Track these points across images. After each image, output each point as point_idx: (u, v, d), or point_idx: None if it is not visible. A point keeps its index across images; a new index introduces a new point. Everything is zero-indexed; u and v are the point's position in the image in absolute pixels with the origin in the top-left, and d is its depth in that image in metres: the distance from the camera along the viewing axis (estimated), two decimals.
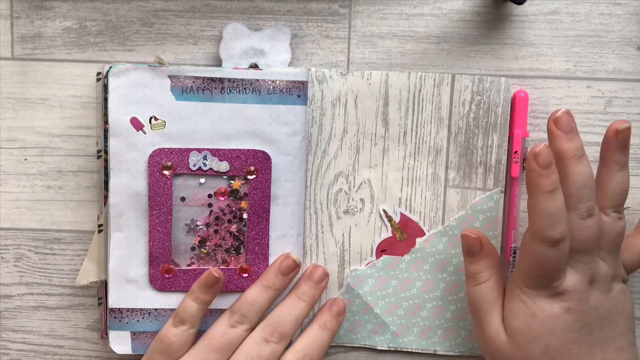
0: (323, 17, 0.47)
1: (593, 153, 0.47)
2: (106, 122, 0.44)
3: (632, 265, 0.45)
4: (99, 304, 0.48)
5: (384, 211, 0.47)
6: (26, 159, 0.47)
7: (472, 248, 0.43)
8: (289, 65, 0.46)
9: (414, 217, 0.47)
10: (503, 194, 0.46)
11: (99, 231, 0.46)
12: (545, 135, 0.47)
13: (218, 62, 0.46)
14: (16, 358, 0.49)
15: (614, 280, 0.42)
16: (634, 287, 0.48)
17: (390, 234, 0.47)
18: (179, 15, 0.47)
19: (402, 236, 0.47)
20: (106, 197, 0.45)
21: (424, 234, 0.47)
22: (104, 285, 0.47)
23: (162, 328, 0.44)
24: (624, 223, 0.43)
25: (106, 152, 0.45)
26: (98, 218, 0.47)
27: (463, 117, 0.46)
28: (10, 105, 0.47)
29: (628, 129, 0.41)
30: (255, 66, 0.45)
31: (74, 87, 0.47)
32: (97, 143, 0.47)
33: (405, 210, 0.47)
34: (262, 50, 0.45)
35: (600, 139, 0.47)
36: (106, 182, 0.45)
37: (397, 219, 0.47)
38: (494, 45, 0.47)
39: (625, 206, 0.47)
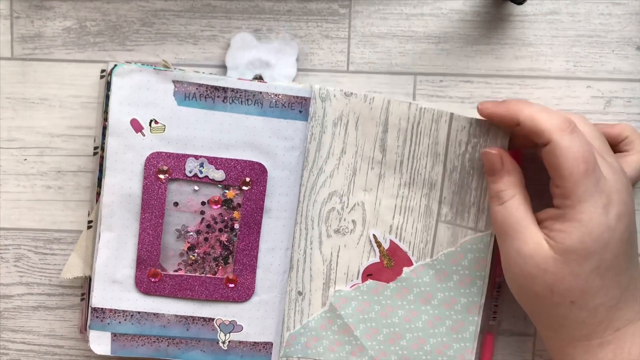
0: (323, 17, 0.47)
1: None
2: (106, 120, 0.44)
3: (631, 181, 0.44)
4: (82, 299, 0.48)
5: (374, 236, 0.47)
6: (26, 159, 0.47)
7: (492, 165, 0.43)
8: (293, 80, 0.46)
9: (403, 246, 0.47)
10: (494, 237, 0.46)
11: (88, 227, 0.46)
12: None
13: (219, 63, 0.46)
14: (16, 358, 0.49)
15: (629, 185, 0.42)
16: None
17: (378, 260, 0.47)
18: (179, 15, 0.47)
19: (389, 263, 0.47)
20: (98, 195, 0.45)
21: (412, 264, 0.47)
22: (87, 281, 0.47)
23: None
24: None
25: (103, 149, 0.45)
26: (89, 214, 0.47)
27: (459, 156, 0.45)
28: (10, 105, 0.47)
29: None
30: (259, 78, 0.45)
31: (74, 87, 0.47)
32: (94, 139, 0.46)
33: (395, 238, 0.47)
34: (268, 62, 0.45)
35: None
36: (100, 180, 0.45)
37: (386, 245, 0.47)
38: (494, 45, 0.47)
39: None
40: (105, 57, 0.47)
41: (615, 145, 0.45)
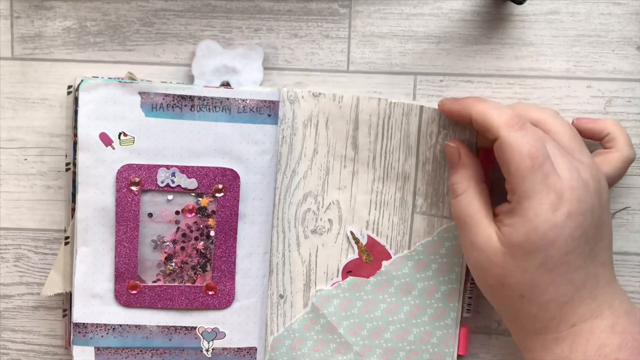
0: (323, 17, 0.47)
1: None
2: (75, 135, 0.44)
3: (610, 179, 0.43)
4: (64, 316, 0.48)
5: (351, 233, 0.47)
6: (26, 159, 0.47)
7: (451, 157, 0.44)
8: (260, 85, 0.46)
9: (381, 240, 0.47)
10: None
11: (65, 243, 0.46)
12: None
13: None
14: (16, 358, 0.49)
15: (600, 181, 0.41)
16: None
17: (356, 256, 0.47)
18: (179, 15, 0.46)
19: (368, 258, 0.47)
20: (74, 210, 0.45)
21: (390, 257, 0.47)
22: (69, 296, 0.46)
23: None
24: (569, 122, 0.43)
25: (75, 164, 0.45)
26: (65, 230, 0.47)
27: (430, 147, 0.46)
28: (10, 105, 0.47)
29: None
30: (227, 84, 0.45)
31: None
32: (65, 155, 0.46)
33: (373, 232, 0.47)
34: (234, 68, 0.45)
35: None
36: (74, 195, 0.45)
37: (364, 241, 0.47)
38: (494, 45, 0.47)
39: (624, 206, 0.47)
40: (105, 57, 0.47)
41: (599, 141, 0.45)
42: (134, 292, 0.45)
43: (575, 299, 0.40)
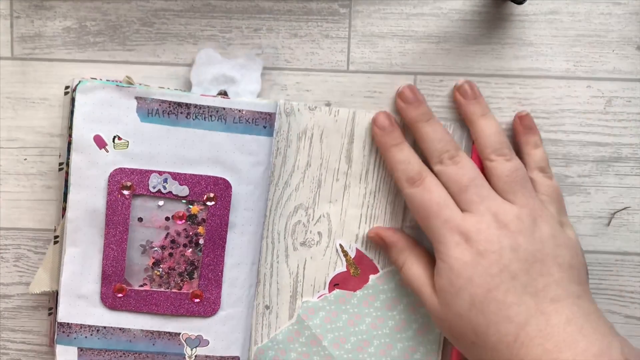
0: (323, 17, 0.47)
1: (593, 153, 0.47)
2: (70, 136, 0.44)
3: (545, 204, 0.44)
4: (49, 314, 0.48)
5: (341, 246, 0.47)
6: (26, 159, 0.47)
7: (378, 243, 0.46)
8: (258, 96, 0.46)
9: (369, 254, 0.47)
10: None
11: (55, 242, 0.46)
12: (545, 135, 0.47)
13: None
14: (16, 358, 0.49)
15: (537, 222, 0.42)
16: None
17: (344, 269, 0.47)
18: (179, 15, 0.46)
19: (356, 272, 0.47)
20: (64, 210, 0.45)
21: (378, 271, 0.47)
22: (55, 295, 0.47)
23: None
24: (515, 164, 0.44)
25: (68, 165, 0.45)
26: (55, 229, 0.47)
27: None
28: (10, 105, 0.47)
29: (464, 84, 0.45)
30: (224, 93, 0.45)
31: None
32: (59, 155, 0.46)
33: (362, 246, 0.47)
34: (232, 78, 0.45)
35: (600, 139, 0.47)
36: (65, 195, 0.45)
37: (352, 254, 0.47)
38: (494, 45, 0.47)
39: (624, 206, 0.47)
40: (105, 57, 0.47)
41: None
42: (120, 295, 0.45)
43: (522, 338, 0.39)
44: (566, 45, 0.47)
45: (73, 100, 0.44)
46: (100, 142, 0.44)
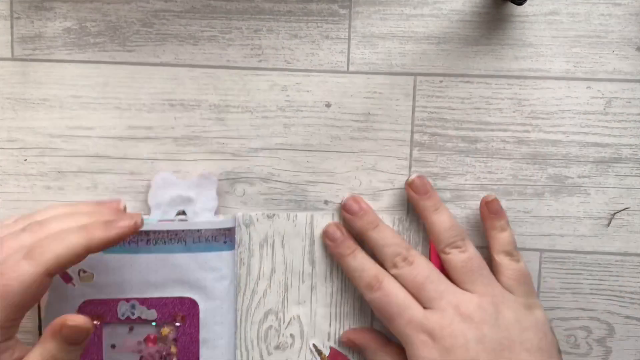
0: (323, 18, 0.47)
1: (593, 154, 0.47)
2: None
3: (510, 288, 0.45)
4: None
5: (314, 345, 0.48)
6: (26, 159, 0.47)
7: (352, 347, 0.47)
8: (215, 213, 0.46)
9: (344, 350, 0.48)
10: None
11: None
12: (545, 136, 0.47)
13: (218, 64, 0.46)
14: None
15: (500, 308, 0.43)
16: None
17: None
18: (179, 15, 0.47)
19: None
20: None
21: None
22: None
23: None
24: (470, 253, 0.44)
25: (39, 306, 0.46)
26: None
27: None
28: (10, 105, 0.47)
29: (415, 180, 0.46)
30: (182, 212, 0.46)
31: (74, 87, 0.47)
32: None
33: (335, 344, 0.48)
34: (189, 198, 0.46)
35: (600, 139, 0.47)
36: (40, 329, 0.46)
37: (327, 352, 0.48)
38: (494, 45, 0.47)
39: (624, 207, 0.47)
40: (105, 58, 0.47)
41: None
42: None
43: None
44: (566, 46, 0.47)
45: None
46: (66, 278, 0.45)
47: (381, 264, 0.45)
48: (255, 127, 0.47)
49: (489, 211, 0.46)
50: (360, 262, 0.45)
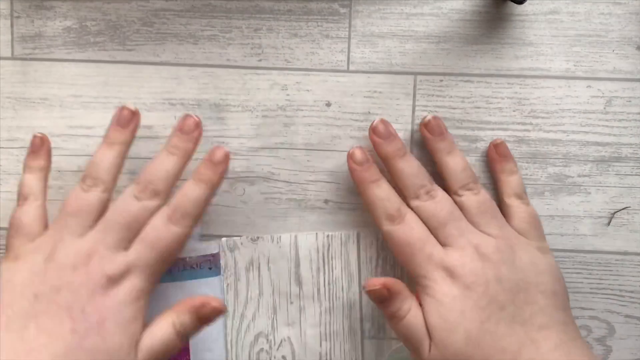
0: (323, 17, 0.47)
1: (593, 153, 0.47)
2: None
3: (523, 231, 0.44)
4: None
5: None
6: None
7: (379, 297, 0.43)
8: (199, 238, 0.46)
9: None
10: None
11: None
12: (545, 135, 0.47)
13: (218, 63, 0.46)
14: None
15: (515, 250, 0.42)
16: None
17: None
18: (179, 15, 0.47)
19: None
20: None
21: None
22: None
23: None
24: (483, 196, 0.44)
25: None
26: None
27: (371, 271, 0.47)
28: (10, 105, 0.47)
29: (430, 120, 0.45)
30: None
31: (74, 87, 0.47)
32: None
33: None
34: None
35: (600, 138, 0.47)
36: None
37: None
38: (494, 44, 0.47)
39: (624, 206, 0.47)
40: (105, 57, 0.47)
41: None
42: None
43: None
44: (566, 45, 0.47)
45: None
46: None
47: (402, 196, 0.44)
48: (255, 126, 0.47)
49: (498, 154, 0.46)
50: (385, 191, 0.44)
